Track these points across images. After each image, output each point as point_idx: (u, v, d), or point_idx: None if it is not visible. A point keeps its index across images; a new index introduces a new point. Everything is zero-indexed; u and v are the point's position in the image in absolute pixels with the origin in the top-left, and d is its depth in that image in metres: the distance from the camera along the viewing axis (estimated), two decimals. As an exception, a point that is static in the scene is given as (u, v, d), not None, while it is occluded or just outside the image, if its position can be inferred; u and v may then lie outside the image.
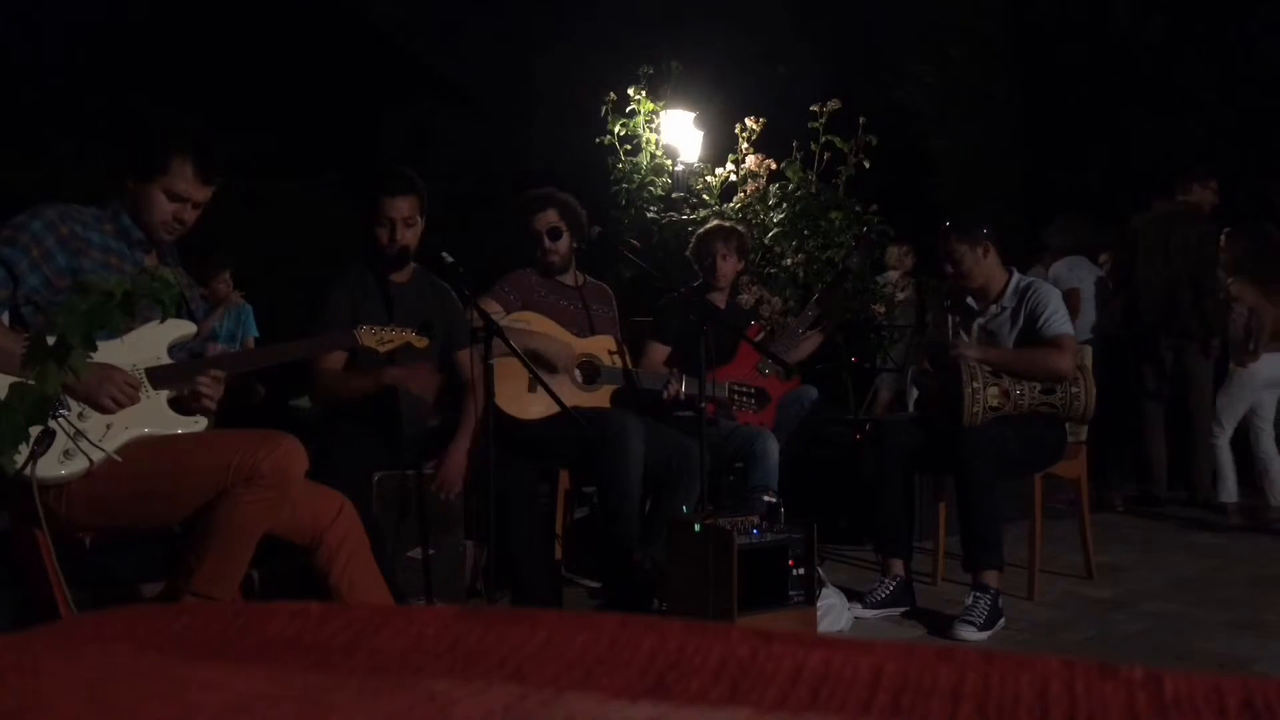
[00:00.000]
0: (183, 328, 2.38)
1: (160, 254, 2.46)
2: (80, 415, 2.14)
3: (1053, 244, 5.98)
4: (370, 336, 2.66)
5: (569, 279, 3.64)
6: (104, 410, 2.16)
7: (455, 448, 3.01)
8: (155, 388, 2.26)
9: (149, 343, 2.30)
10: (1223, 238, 5.22)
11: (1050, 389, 3.40)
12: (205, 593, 2.16)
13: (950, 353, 3.41)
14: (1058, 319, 3.42)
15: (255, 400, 5.02)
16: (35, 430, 2.00)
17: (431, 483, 2.94)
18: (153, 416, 2.25)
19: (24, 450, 2.00)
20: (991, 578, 3.18)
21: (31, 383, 1.96)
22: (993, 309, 3.55)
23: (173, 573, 2.29)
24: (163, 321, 2.29)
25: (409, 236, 3.06)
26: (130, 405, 2.19)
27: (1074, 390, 3.42)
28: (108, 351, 2.18)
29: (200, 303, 2.61)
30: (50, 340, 2.00)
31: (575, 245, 3.61)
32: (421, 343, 2.80)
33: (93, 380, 2.12)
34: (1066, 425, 3.54)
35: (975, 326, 3.58)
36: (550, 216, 3.54)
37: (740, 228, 4.23)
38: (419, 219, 3.09)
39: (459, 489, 2.98)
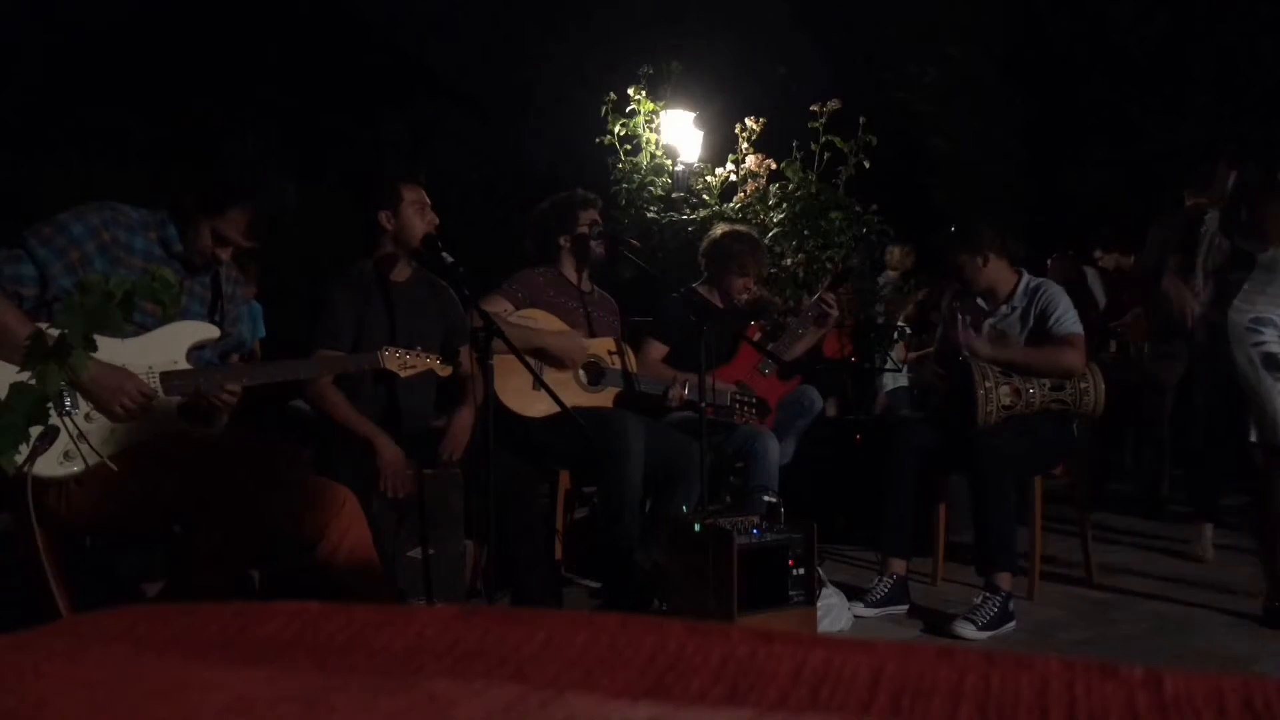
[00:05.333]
0: (205, 331, 2.35)
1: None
2: (87, 416, 2.13)
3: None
4: (394, 360, 2.63)
5: (583, 283, 3.65)
6: (112, 417, 2.14)
7: (459, 416, 3.05)
8: (167, 393, 2.22)
9: (167, 345, 2.26)
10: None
11: (1060, 385, 3.43)
12: (207, 592, 2.16)
13: (962, 349, 3.43)
14: (1068, 318, 3.47)
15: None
16: (36, 431, 1.99)
17: (431, 482, 2.94)
18: (161, 424, 2.22)
19: (24, 451, 1.99)
20: (1004, 579, 3.18)
21: (32, 383, 1.96)
22: (1003, 309, 3.59)
23: (173, 572, 2.29)
24: (166, 321, 2.27)
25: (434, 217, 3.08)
26: (140, 416, 2.17)
27: (1083, 386, 3.44)
28: (125, 351, 2.15)
29: (236, 305, 2.56)
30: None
31: None
32: (445, 371, 2.80)
33: (109, 385, 2.10)
34: (1074, 425, 3.56)
35: (986, 326, 3.61)
36: (594, 214, 3.62)
37: (763, 244, 4.24)
38: None
39: (460, 454, 3.00)
